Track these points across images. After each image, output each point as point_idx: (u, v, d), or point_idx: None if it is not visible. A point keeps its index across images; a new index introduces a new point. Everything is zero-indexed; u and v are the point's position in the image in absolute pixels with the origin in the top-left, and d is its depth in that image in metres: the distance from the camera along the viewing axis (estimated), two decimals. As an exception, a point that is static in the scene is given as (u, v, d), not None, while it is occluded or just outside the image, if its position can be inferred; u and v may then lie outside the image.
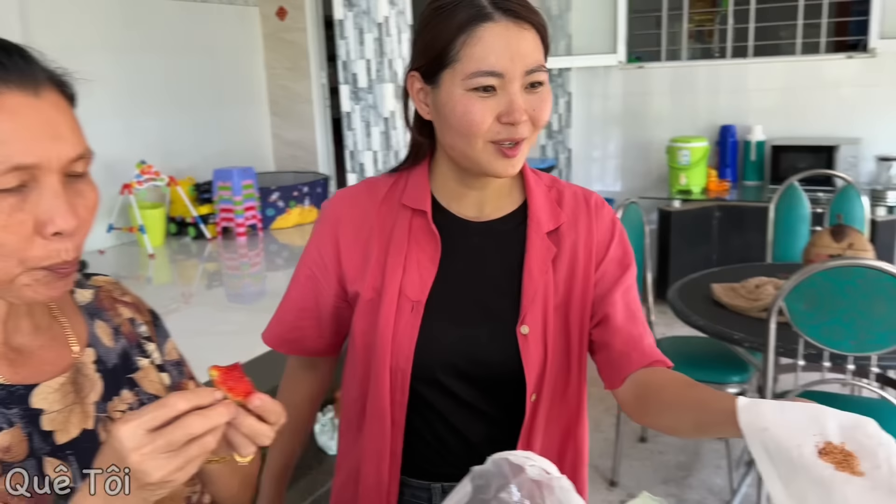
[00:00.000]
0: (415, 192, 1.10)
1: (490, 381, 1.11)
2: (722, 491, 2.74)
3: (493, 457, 0.93)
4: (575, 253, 1.11)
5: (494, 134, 0.98)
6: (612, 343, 1.10)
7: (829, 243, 2.46)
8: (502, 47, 0.96)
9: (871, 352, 1.93)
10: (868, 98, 4.61)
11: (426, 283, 1.08)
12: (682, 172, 4.61)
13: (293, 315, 1.17)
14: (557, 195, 1.14)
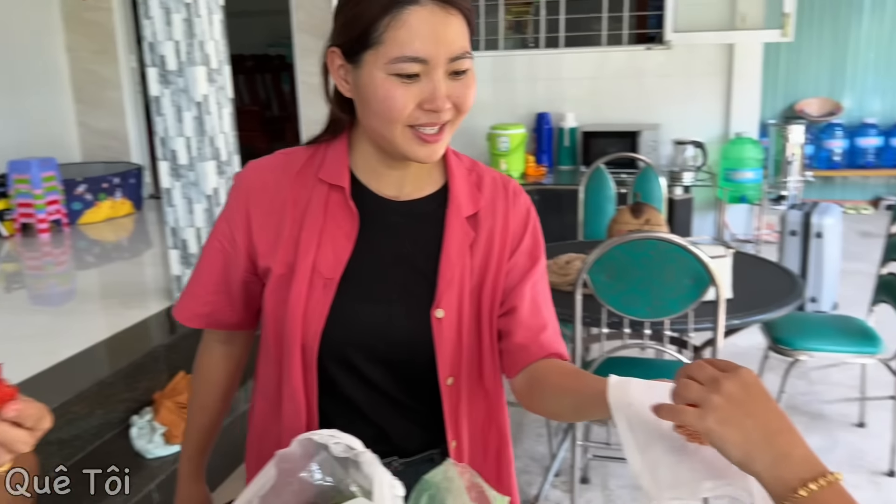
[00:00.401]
0: (333, 167, 1.07)
1: (404, 365, 1.09)
2: (543, 458, 2.89)
3: (298, 437, 0.92)
4: (491, 239, 1.11)
5: (415, 119, 0.97)
6: (514, 334, 1.11)
7: (628, 220, 2.66)
8: (428, 33, 0.93)
9: (665, 317, 2.11)
10: (665, 87, 5.01)
11: (341, 260, 1.06)
12: (502, 158, 4.79)
13: (204, 289, 1.14)
14: (477, 179, 1.13)
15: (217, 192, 3.24)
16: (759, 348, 3.07)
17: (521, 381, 1.11)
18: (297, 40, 5.35)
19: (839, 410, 3.20)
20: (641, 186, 3.47)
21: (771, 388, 2.97)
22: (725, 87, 4.90)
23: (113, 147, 5.92)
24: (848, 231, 5.90)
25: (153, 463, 2.53)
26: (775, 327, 2.76)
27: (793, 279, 2.59)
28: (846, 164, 6.82)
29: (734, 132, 4.87)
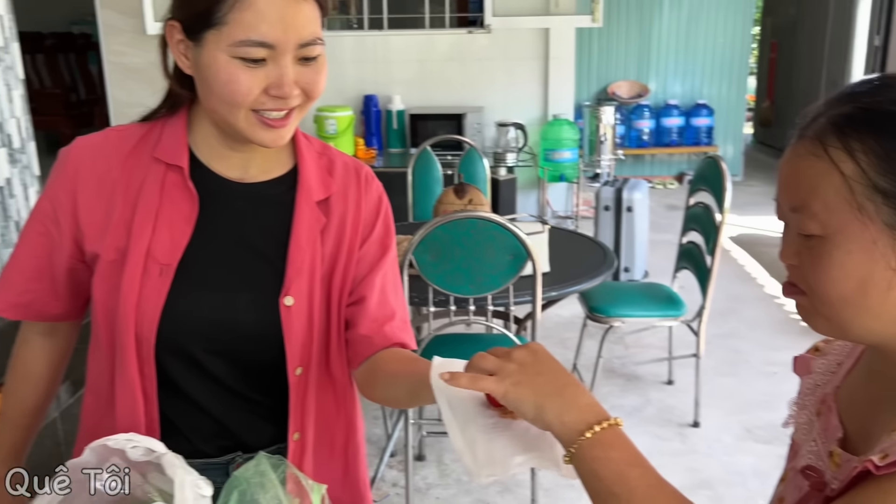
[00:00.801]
0: (170, 145, 1.01)
1: (249, 356, 1.04)
2: (380, 439, 2.91)
3: (90, 445, 0.86)
4: (343, 226, 1.07)
5: (260, 104, 0.93)
6: (360, 325, 1.09)
7: (452, 200, 2.71)
8: (276, 17, 0.89)
9: (487, 292, 2.18)
10: (488, 70, 5.15)
11: (178, 244, 0.99)
12: (330, 141, 4.71)
13: (22, 276, 1.05)
14: (328, 163, 1.09)
15: (10, 182, 2.94)
16: (579, 317, 3.26)
17: (362, 371, 1.10)
18: (102, 17, 4.95)
19: (651, 370, 3.48)
20: (466, 168, 3.56)
21: (590, 354, 3.15)
22: (543, 70, 5.12)
23: None
24: (656, 205, 6.41)
25: None
26: (591, 297, 2.93)
27: (605, 251, 2.76)
28: (654, 142, 7.39)
29: (552, 114, 5.11)
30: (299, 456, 1.07)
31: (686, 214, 3.05)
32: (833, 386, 0.89)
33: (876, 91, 0.74)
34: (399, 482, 2.62)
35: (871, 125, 0.70)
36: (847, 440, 0.83)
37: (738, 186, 7.20)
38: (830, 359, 0.93)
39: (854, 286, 0.71)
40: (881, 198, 0.69)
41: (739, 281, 4.69)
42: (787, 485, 0.89)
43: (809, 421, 0.90)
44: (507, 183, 4.63)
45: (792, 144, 0.76)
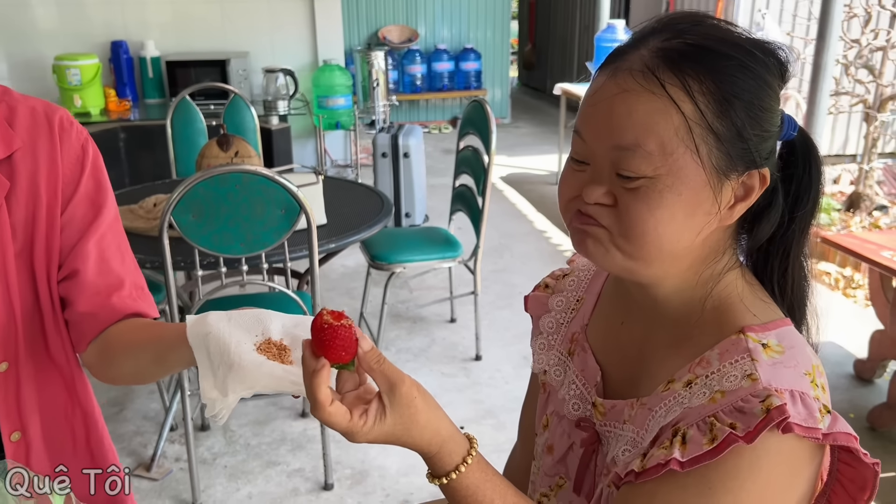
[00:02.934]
0: None
1: None
2: (158, 415, 2.73)
3: None
4: (36, 188, 0.91)
5: None
6: (78, 302, 0.95)
7: (217, 153, 2.54)
8: None
9: (260, 250, 2.07)
10: (250, 11, 4.87)
11: None
12: (75, 93, 4.23)
13: None
14: (8, 112, 0.91)
15: None
16: (364, 266, 3.25)
17: (91, 353, 0.98)
18: None
19: (434, 311, 3.57)
20: (231, 118, 3.36)
21: (376, 301, 3.16)
22: (310, 13, 4.93)
23: None
24: (433, 150, 6.55)
25: None
26: (372, 245, 2.92)
27: (382, 199, 2.75)
28: (427, 87, 7.49)
29: (322, 59, 4.96)
30: (24, 457, 0.95)
31: (457, 158, 3.12)
32: (580, 325, 0.90)
33: (699, 27, 0.71)
34: (182, 456, 2.48)
35: (705, 64, 0.68)
36: (607, 382, 0.85)
37: (505, 128, 7.58)
38: (568, 296, 0.94)
39: (674, 229, 0.70)
40: (714, 140, 0.68)
41: (510, 218, 4.94)
42: (552, 432, 0.90)
43: (561, 361, 0.92)
44: (281, 132, 4.45)
45: (608, 76, 0.71)
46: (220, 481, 2.38)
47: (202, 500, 2.28)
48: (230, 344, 0.80)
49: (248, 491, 2.34)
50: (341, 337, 0.67)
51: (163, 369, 0.97)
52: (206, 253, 2.05)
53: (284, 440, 2.59)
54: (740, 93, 0.69)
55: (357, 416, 0.69)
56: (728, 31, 0.72)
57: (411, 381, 0.71)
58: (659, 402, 0.74)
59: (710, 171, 0.69)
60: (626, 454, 0.77)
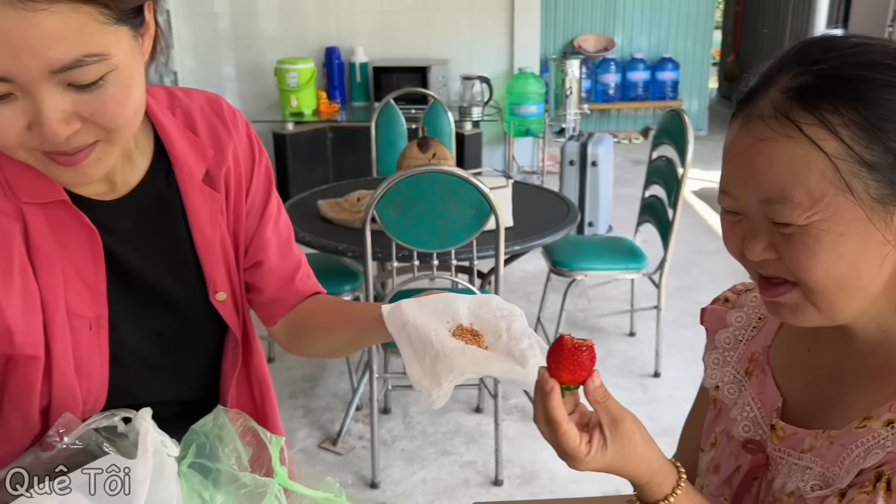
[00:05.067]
0: (30, 182, 0.79)
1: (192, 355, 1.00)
2: (346, 394, 2.93)
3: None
4: (228, 186, 0.95)
5: (38, 144, 0.71)
6: (265, 287, 1.02)
7: (416, 154, 2.69)
8: (1, 43, 0.64)
9: (450, 247, 2.18)
10: (453, 22, 5.07)
11: (98, 292, 0.85)
12: (292, 94, 4.63)
13: None
14: (185, 118, 0.92)
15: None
16: (544, 271, 3.29)
17: (280, 329, 1.07)
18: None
19: (613, 322, 3.53)
20: (430, 121, 3.53)
21: (554, 308, 3.17)
22: (508, 23, 5.05)
23: None
24: (621, 160, 6.44)
25: None
26: (554, 251, 2.95)
27: (568, 205, 2.77)
28: (619, 96, 7.38)
29: (518, 67, 5.06)
30: None
31: (649, 168, 3.07)
32: (761, 345, 0.87)
33: (831, 54, 0.67)
34: (365, 435, 2.65)
35: (842, 93, 0.63)
36: (787, 409, 0.81)
37: (701, 141, 7.26)
38: (749, 312, 0.90)
39: (849, 268, 0.66)
40: (867, 172, 0.63)
41: (701, 234, 4.76)
42: (720, 451, 0.88)
43: (736, 379, 0.88)
44: (473, 137, 4.60)
45: (741, 126, 0.68)
46: (398, 463, 2.52)
47: (380, 478, 2.43)
48: (430, 332, 0.85)
49: (422, 476, 2.46)
50: (581, 363, 0.72)
51: (356, 347, 1.05)
52: (402, 246, 2.18)
53: (459, 432, 2.69)
54: (889, 114, 0.63)
55: (583, 444, 0.73)
56: (864, 49, 0.66)
57: (632, 418, 0.74)
58: (854, 439, 0.70)
59: (870, 204, 0.64)
60: (815, 489, 0.73)
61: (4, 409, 0.86)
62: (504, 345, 0.87)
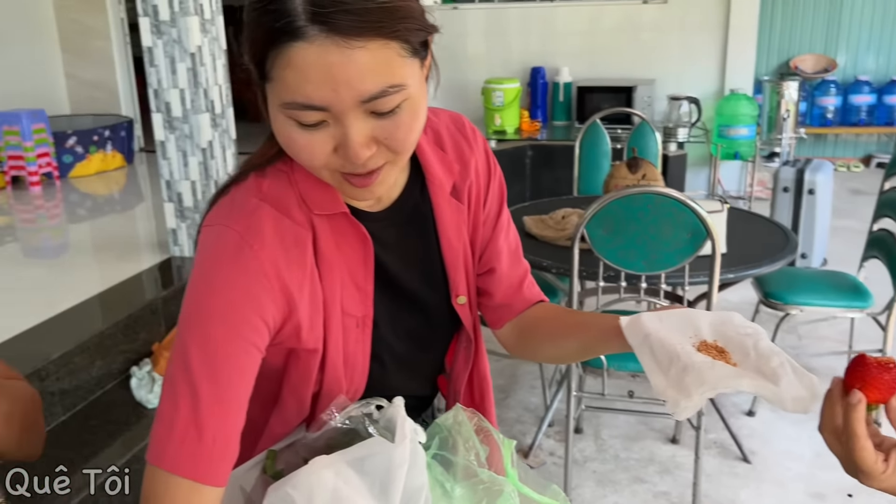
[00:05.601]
0: (320, 196, 0.88)
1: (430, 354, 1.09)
2: (538, 408, 2.95)
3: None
4: (470, 198, 1.02)
5: (337, 166, 0.80)
6: (496, 294, 1.08)
7: (625, 175, 2.67)
8: (320, 76, 0.72)
9: (661, 270, 2.14)
10: (661, 41, 4.98)
11: (366, 293, 0.94)
12: (496, 113, 4.76)
13: (239, 418, 0.84)
14: (434, 136, 1.00)
15: (211, 145, 3.21)
16: (750, 303, 3.12)
17: (507, 332, 1.12)
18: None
19: (826, 364, 3.27)
20: (637, 142, 3.48)
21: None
22: (721, 42, 4.87)
23: (101, 99, 5.84)
24: (839, 188, 5.94)
25: (153, 413, 2.57)
26: (767, 282, 2.80)
27: (786, 235, 2.62)
28: (839, 121, 6.83)
29: (729, 88, 4.86)
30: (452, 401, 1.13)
31: (879, 199, 2.82)
32: None
33: None
34: (556, 451, 2.66)
35: None
36: None
37: (936, 171, 6.53)
38: None
39: None
40: None
41: (933, 275, 4.28)
42: None
43: None
44: (677, 159, 4.47)
45: None
46: (589, 484, 2.50)
47: (572, 496, 2.42)
48: (675, 345, 0.85)
49: (614, 499, 2.43)
50: (887, 382, 0.73)
51: (586, 355, 1.07)
52: (609, 266, 2.18)
53: (653, 461, 2.62)
54: None
55: (880, 461, 0.73)
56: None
57: None
58: None
59: None
60: None
61: (283, 394, 0.96)
62: (753, 362, 0.85)
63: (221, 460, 0.82)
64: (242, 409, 0.83)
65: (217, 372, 0.81)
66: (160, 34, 3.05)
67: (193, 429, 0.79)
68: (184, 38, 3.04)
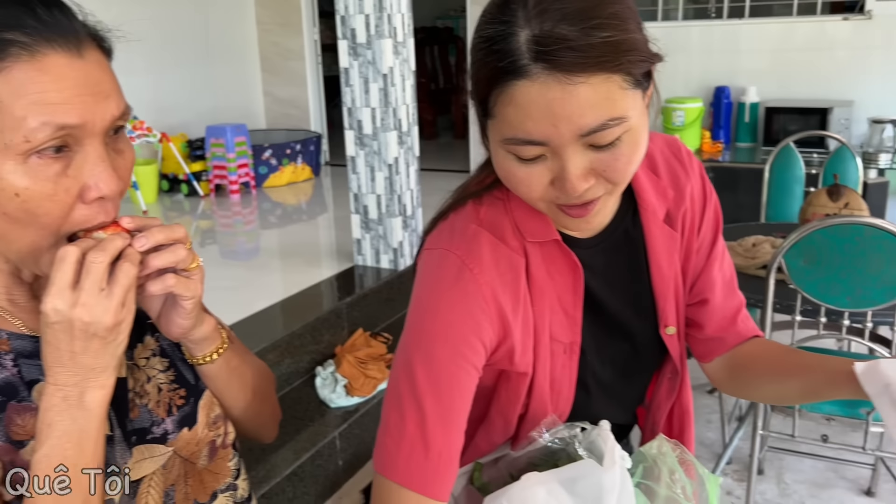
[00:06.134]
0: (534, 225, 0.90)
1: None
2: (714, 444, 2.82)
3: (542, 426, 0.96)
4: (683, 224, 1.00)
5: (554, 198, 0.81)
6: (707, 326, 1.05)
7: (825, 202, 2.50)
8: (541, 112, 0.73)
9: (867, 307, 1.98)
10: (862, 60, 4.62)
11: (575, 321, 0.95)
12: (677, 133, 4.62)
13: (460, 435, 0.87)
14: (648, 160, 0.97)
15: (397, 161, 3.37)
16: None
17: (717, 367, 1.08)
18: (471, 11, 5.41)
19: None
20: (835, 167, 3.25)
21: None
22: (936, 60, 4.44)
23: (293, 115, 6.29)
24: None
25: (336, 412, 2.72)
26: None
27: None
28: None
29: (942, 110, 4.42)
30: (651, 431, 1.11)
31: None
32: None
33: None
34: (734, 491, 2.52)
35: None
36: None
37: None
38: None
39: None
40: None
41: None
42: None
43: None
44: (878, 187, 4.11)
45: None
46: (770, 530, 2.35)
47: (750, 540, 2.29)
48: None
49: (799, 550, 2.26)
50: None
51: (810, 399, 0.99)
52: (808, 300, 2.04)
53: (845, 513, 2.42)
54: None
55: None
56: None
57: None
58: None
59: None
60: None
61: (491, 413, 0.99)
62: None
63: (445, 476, 0.85)
64: (463, 426, 0.87)
65: (441, 390, 0.84)
66: (356, 56, 3.25)
67: (420, 444, 0.83)
68: (377, 60, 3.22)
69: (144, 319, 0.88)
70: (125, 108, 0.73)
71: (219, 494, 0.91)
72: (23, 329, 0.76)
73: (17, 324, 0.76)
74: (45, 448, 0.67)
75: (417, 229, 3.58)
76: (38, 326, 0.76)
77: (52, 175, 0.67)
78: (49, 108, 0.66)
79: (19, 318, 0.77)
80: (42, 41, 0.66)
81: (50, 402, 0.68)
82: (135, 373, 0.84)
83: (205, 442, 0.89)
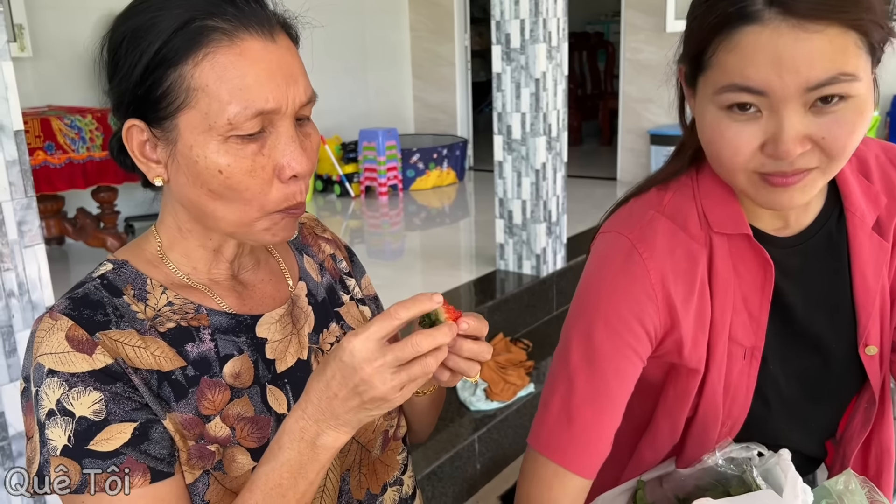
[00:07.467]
0: (723, 214, 0.87)
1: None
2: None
3: None
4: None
5: (759, 165, 0.76)
6: None
7: None
8: (767, 59, 0.70)
9: None
10: None
11: (760, 323, 0.89)
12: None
13: (611, 416, 0.87)
14: (860, 164, 0.92)
15: (544, 166, 3.34)
16: None
17: None
18: (626, 16, 5.28)
19: None
20: None
21: None
22: None
23: (441, 120, 6.41)
24: None
25: (475, 415, 2.73)
26: None
27: None
28: None
29: None
30: (840, 465, 1.01)
31: None
32: None
33: None
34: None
35: None
36: None
37: None
38: None
39: None
40: None
41: None
42: None
43: None
44: None
45: None
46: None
47: None
48: None
49: None
50: None
51: None
52: None
53: None
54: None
55: None
56: None
57: None
58: None
59: None
60: None
61: (657, 416, 0.95)
62: None
63: (587, 451, 0.85)
64: (617, 408, 0.86)
65: (595, 368, 0.85)
66: (510, 61, 3.25)
67: (565, 417, 0.85)
68: (531, 65, 3.20)
69: (330, 307, 0.91)
70: (312, 94, 0.76)
71: (388, 488, 0.93)
72: (222, 306, 0.80)
73: (217, 300, 0.80)
74: (267, 467, 0.71)
75: (562, 236, 3.53)
76: (235, 304, 0.81)
77: (249, 154, 0.71)
78: (249, 92, 0.69)
79: (218, 295, 0.81)
80: (241, 27, 0.71)
81: (291, 425, 0.70)
82: (318, 356, 0.87)
83: (380, 430, 0.91)
